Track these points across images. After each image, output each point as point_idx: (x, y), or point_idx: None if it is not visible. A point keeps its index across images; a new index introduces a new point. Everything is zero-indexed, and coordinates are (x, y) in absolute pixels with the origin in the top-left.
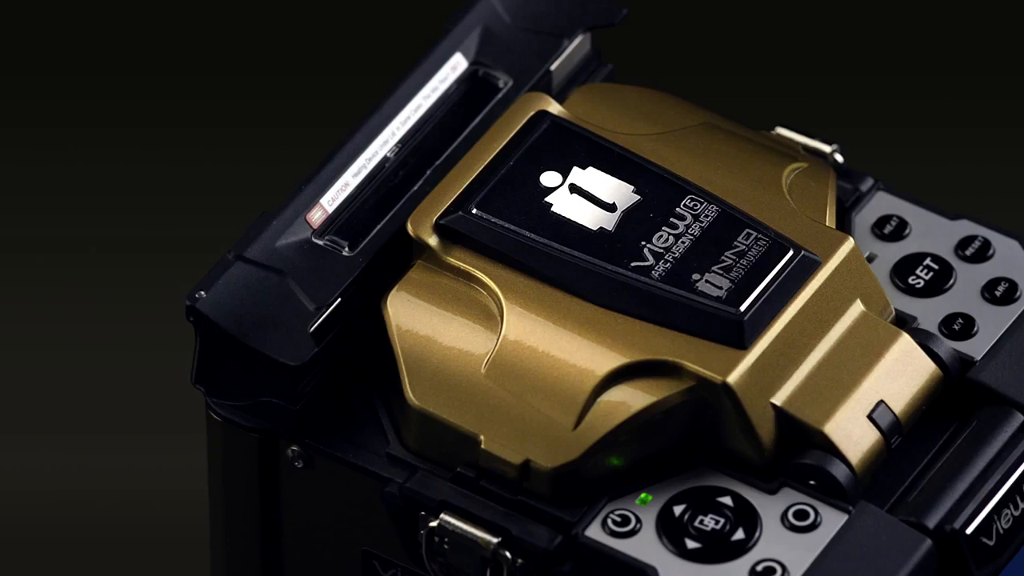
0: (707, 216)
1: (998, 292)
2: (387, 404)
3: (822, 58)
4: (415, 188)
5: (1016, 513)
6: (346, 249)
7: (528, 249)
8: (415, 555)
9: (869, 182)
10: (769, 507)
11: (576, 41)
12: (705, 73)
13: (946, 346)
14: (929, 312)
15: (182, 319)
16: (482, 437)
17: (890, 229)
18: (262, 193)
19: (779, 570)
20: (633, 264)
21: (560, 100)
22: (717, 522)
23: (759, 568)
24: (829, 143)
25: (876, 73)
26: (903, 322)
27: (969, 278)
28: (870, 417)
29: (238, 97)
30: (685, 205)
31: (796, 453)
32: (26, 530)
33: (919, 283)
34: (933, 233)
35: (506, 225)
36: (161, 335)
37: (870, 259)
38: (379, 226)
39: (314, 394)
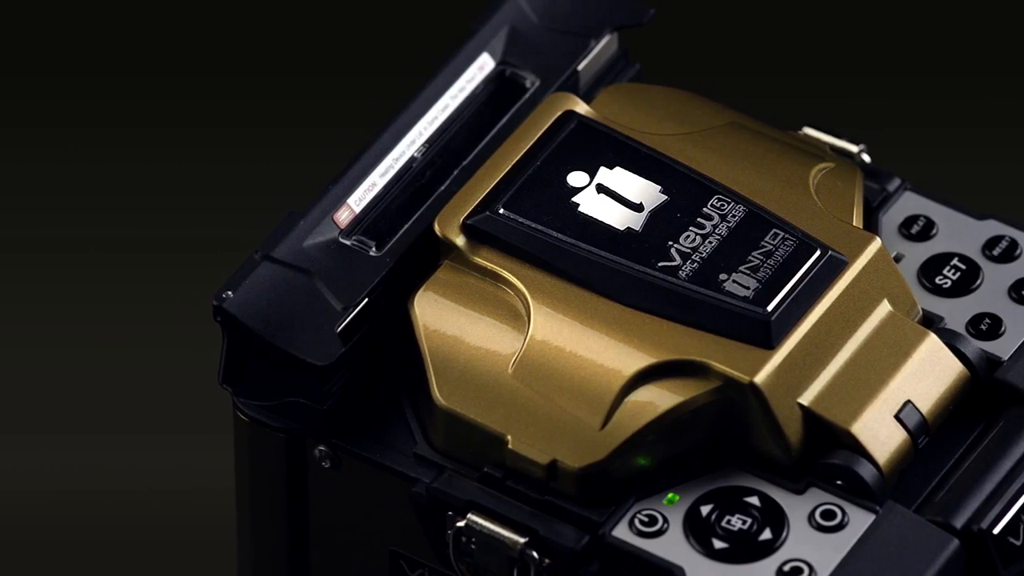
0: (734, 216)
1: None
2: (414, 404)
3: (849, 58)
4: (442, 188)
5: None
6: (373, 249)
7: (555, 249)
8: (442, 555)
9: (896, 182)
10: (796, 507)
11: (603, 41)
12: (732, 73)
13: (973, 346)
14: (956, 312)
15: (184, 319)
16: (509, 437)
17: (917, 229)
18: (285, 193)
19: (806, 570)
20: (660, 264)
21: (587, 100)
22: (744, 522)
23: (786, 568)
24: (856, 143)
25: (903, 73)
26: (930, 322)
27: (996, 278)
28: (897, 417)
29: (261, 97)
30: (712, 205)
31: (823, 453)
32: (31, 530)
33: (946, 283)
34: (960, 233)
35: (533, 225)
36: (161, 335)
37: (897, 259)
38: (406, 226)
39: (341, 394)
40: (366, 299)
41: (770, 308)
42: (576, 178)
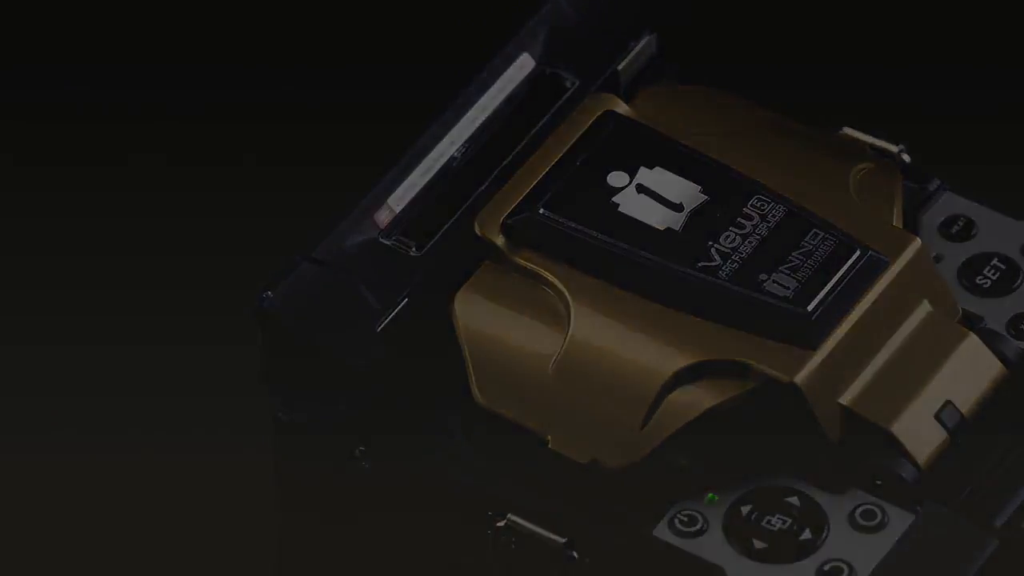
0: (774, 216)
1: None
2: (454, 404)
3: (889, 59)
4: (482, 188)
5: None
6: (413, 249)
7: (595, 249)
8: (483, 555)
9: (936, 182)
10: (836, 507)
11: (643, 42)
12: (771, 74)
13: (1013, 346)
14: (996, 312)
15: (186, 320)
16: (549, 436)
17: (957, 229)
18: (287, 196)
19: (846, 570)
20: (700, 264)
21: (627, 100)
22: (784, 522)
23: (826, 568)
24: (896, 143)
25: (943, 73)
26: (970, 322)
27: None
28: (937, 417)
29: (263, 97)
30: (752, 205)
31: (863, 453)
32: (35, 530)
33: (986, 283)
34: (1000, 233)
35: (573, 225)
36: (165, 335)
37: (937, 259)
38: (446, 226)
39: (381, 394)
40: (406, 299)
41: (810, 308)
42: (616, 178)
